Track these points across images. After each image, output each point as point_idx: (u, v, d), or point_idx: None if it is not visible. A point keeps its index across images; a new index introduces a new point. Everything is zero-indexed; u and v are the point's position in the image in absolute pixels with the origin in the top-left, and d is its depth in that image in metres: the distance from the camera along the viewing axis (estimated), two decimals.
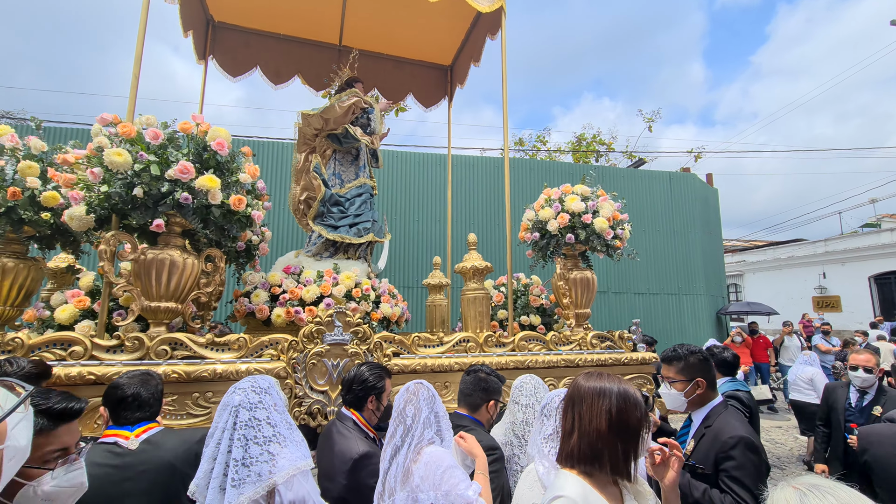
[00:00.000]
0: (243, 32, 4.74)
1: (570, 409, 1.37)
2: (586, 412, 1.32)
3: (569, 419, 1.36)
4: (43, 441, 1.09)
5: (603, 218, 3.39)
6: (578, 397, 1.37)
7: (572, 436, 1.33)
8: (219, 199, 2.63)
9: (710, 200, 10.87)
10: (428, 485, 1.60)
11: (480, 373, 2.17)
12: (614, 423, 1.28)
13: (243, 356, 2.56)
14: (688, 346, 2.29)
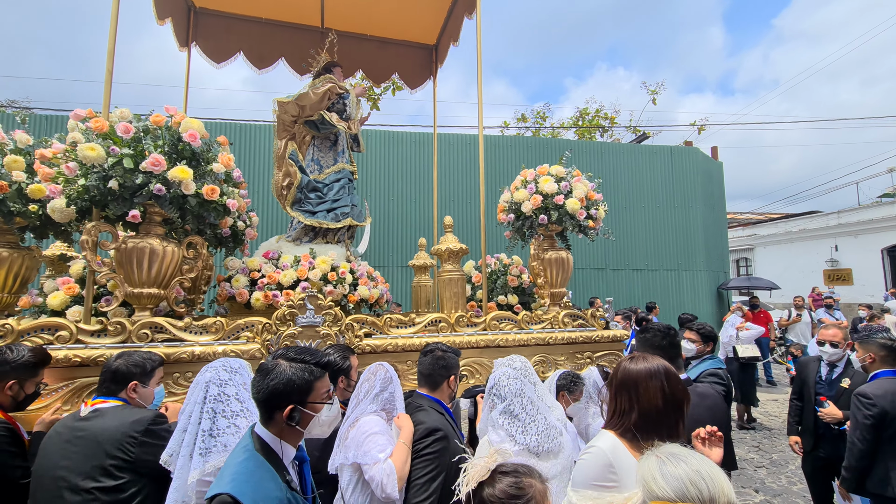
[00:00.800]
0: (225, 17, 4.75)
1: (625, 391, 1.53)
2: (643, 393, 1.49)
3: (624, 400, 1.53)
4: (320, 384, 1.51)
5: (575, 199, 3.42)
6: (631, 380, 1.53)
7: (631, 414, 1.49)
8: (192, 189, 2.73)
9: (713, 174, 10.68)
10: (353, 444, 1.83)
11: (437, 351, 2.27)
12: (668, 399, 1.47)
13: (220, 339, 2.71)
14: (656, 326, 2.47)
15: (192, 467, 1.73)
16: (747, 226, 21.27)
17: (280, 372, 1.45)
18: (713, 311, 9.68)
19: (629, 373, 1.56)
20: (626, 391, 1.54)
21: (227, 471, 1.35)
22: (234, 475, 1.31)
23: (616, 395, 1.56)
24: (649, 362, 1.55)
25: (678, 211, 9.76)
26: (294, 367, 1.47)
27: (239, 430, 1.93)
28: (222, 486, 1.28)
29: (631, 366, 1.57)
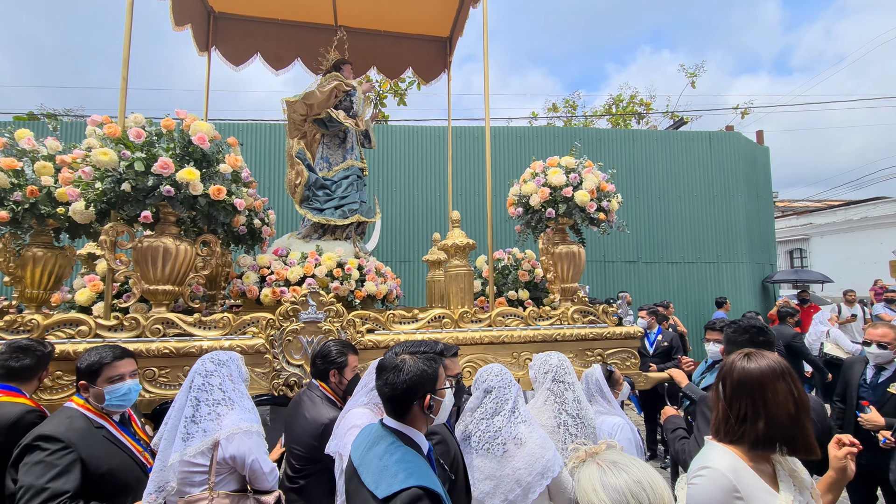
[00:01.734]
0: (243, 21, 4.88)
1: (745, 394, 1.34)
2: (771, 397, 1.29)
3: (744, 405, 1.33)
4: (442, 371, 1.57)
5: (585, 190, 3.28)
6: (755, 381, 1.34)
7: (757, 423, 1.28)
8: (200, 189, 2.83)
9: (758, 160, 9.98)
10: (337, 435, 1.88)
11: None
12: (799, 403, 1.29)
13: (227, 333, 2.81)
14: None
15: (174, 450, 1.81)
16: (802, 214, 19.79)
17: (411, 366, 1.47)
18: (757, 305, 9.09)
19: (750, 373, 1.35)
20: (746, 395, 1.33)
21: (392, 467, 1.29)
22: (406, 469, 1.27)
23: (732, 400, 1.36)
24: (770, 360, 1.38)
25: (718, 200, 9.20)
26: (421, 359, 1.51)
27: (220, 417, 1.99)
28: (400, 481, 1.23)
29: (750, 365, 1.38)
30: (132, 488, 1.82)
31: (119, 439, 1.89)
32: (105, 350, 2.02)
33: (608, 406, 2.64)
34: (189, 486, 1.96)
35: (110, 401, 1.92)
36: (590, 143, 9.18)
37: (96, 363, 1.95)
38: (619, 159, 9.17)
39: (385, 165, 8.57)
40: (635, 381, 3.24)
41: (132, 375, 2.04)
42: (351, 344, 2.68)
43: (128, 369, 2.03)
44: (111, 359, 1.98)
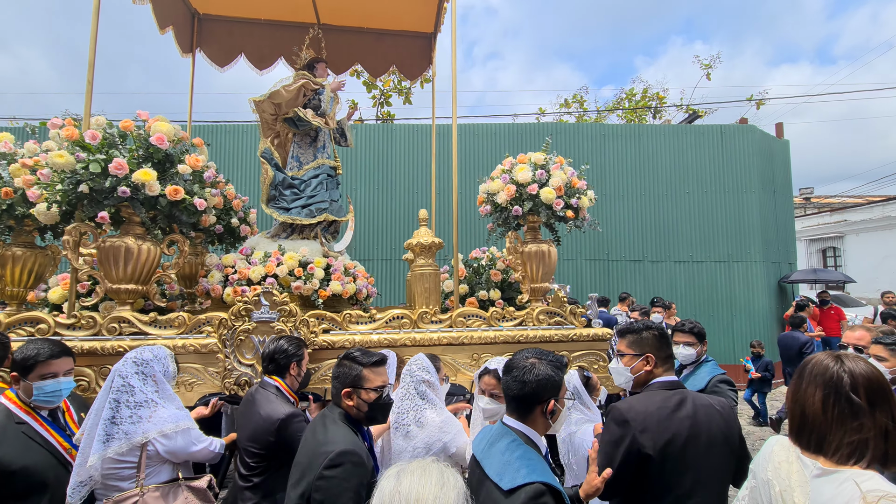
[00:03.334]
0: (227, 21, 4.93)
1: (885, 404, 1.26)
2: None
3: (884, 416, 1.25)
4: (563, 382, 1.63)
5: (551, 188, 3.16)
6: (887, 388, 1.26)
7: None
8: (157, 190, 2.86)
9: (775, 154, 9.51)
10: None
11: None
12: None
13: (182, 332, 2.83)
14: (645, 322, 2.18)
15: (92, 451, 1.82)
16: (836, 211, 18.82)
17: (540, 370, 1.52)
18: (771, 306, 8.67)
19: (879, 379, 1.25)
20: (886, 404, 1.23)
21: (514, 462, 1.37)
22: (528, 465, 1.35)
23: (871, 412, 1.23)
24: (869, 362, 1.31)
25: (729, 196, 8.81)
26: (549, 365, 1.56)
27: (142, 419, 2.00)
28: (524, 476, 1.31)
29: (870, 370, 1.28)
30: (50, 486, 1.84)
31: (42, 435, 1.91)
32: (44, 345, 2.04)
33: (588, 412, 2.57)
34: (118, 481, 1.98)
35: (38, 396, 1.95)
36: (594, 139, 8.95)
37: (31, 358, 1.97)
38: (625, 155, 8.91)
39: (385, 163, 8.56)
40: (605, 385, 3.11)
41: (67, 374, 2.07)
42: (300, 338, 2.68)
43: (62, 368, 2.05)
44: (47, 356, 2.00)
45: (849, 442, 1.27)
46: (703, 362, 3.19)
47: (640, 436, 1.75)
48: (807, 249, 18.69)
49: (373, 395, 1.76)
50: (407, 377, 2.36)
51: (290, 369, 2.38)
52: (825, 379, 1.33)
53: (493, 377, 2.21)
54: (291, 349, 2.40)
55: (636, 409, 1.85)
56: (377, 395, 1.77)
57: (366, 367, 1.78)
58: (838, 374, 1.31)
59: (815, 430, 1.33)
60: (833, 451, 1.29)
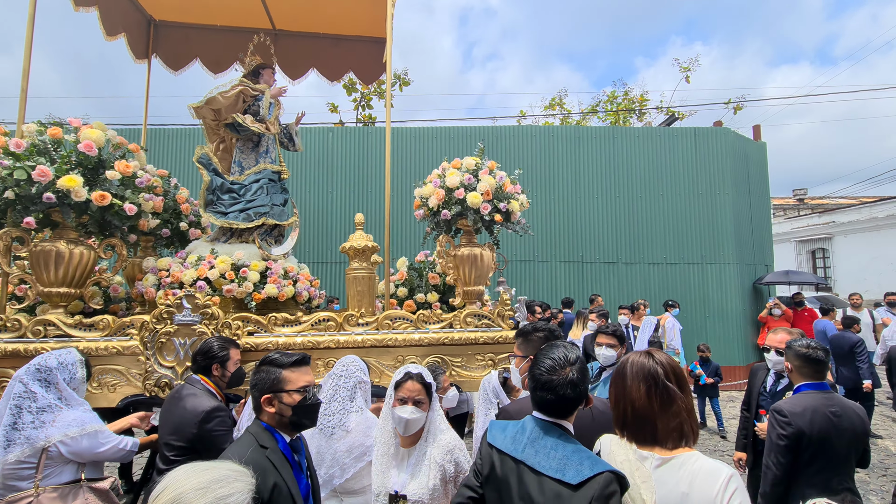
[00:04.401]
0: (183, 27, 5.00)
1: (682, 390, 1.47)
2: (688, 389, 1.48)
3: (686, 400, 1.47)
4: None
5: (478, 192, 3.21)
6: (682, 377, 1.49)
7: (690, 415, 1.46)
8: (83, 196, 2.92)
9: (751, 156, 9.54)
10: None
11: None
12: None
13: (107, 335, 2.88)
14: (534, 324, 2.23)
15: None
16: (824, 212, 18.82)
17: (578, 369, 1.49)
18: (745, 308, 8.68)
19: (678, 366, 1.50)
20: (686, 388, 1.48)
21: (573, 457, 1.38)
22: (588, 457, 1.37)
23: (681, 396, 1.44)
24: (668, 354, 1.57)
25: (703, 198, 8.84)
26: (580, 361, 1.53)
27: (45, 424, 2.05)
28: (589, 467, 1.32)
29: (671, 359, 1.51)
30: None
31: None
32: None
33: None
34: (16, 481, 2.03)
35: None
36: (569, 141, 8.99)
37: None
38: (600, 157, 8.96)
39: (370, 167, 8.63)
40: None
41: None
42: (232, 339, 2.73)
43: None
44: None
45: (673, 427, 1.41)
46: None
47: None
48: (796, 251, 18.69)
49: (296, 398, 1.61)
50: (339, 378, 2.32)
51: (213, 370, 2.43)
52: (644, 374, 1.46)
53: (417, 381, 1.95)
54: (215, 350, 2.45)
55: (518, 408, 1.92)
56: (301, 397, 1.62)
57: (286, 368, 1.64)
58: (653, 367, 1.46)
59: (647, 422, 1.45)
60: (664, 438, 1.42)
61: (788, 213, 21.52)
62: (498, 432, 1.55)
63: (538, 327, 2.17)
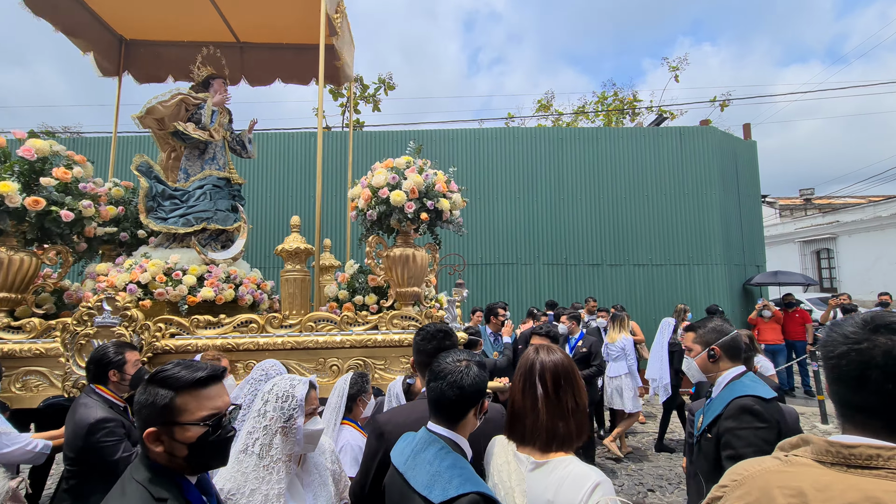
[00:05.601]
0: (153, 45, 5.17)
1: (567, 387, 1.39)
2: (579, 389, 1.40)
3: (566, 399, 1.37)
4: None
5: (402, 191, 3.21)
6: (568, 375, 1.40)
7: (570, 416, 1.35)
8: (18, 201, 3.03)
9: (740, 155, 9.34)
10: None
11: None
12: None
13: (33, 337, 2.96)
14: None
15: None
16: (829, 212, 18.24)
17: (475, 370, 1.43)
18: (734, 309, 8.42)
19: (565, 366, 1.44)
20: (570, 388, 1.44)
21: (445, 473, 1.27)
22: (460, 474, 1.26)
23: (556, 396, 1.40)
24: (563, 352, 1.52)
25: (689, 198, 8.67)
26: (475, 364, 1.45)
27: None
28: (456, 487, 1.22)
29: (559, 358, 1.44)
30: None
31: None
32: None
33: None
34: None
35: None
36: (551, 142, 8.95)
37: None
38: (583, 158, 8.88)
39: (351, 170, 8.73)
40: None
41: None
42: (127, 342, 2.76)
43: None
44: None
45: (542, 427, 1.34)
46: None
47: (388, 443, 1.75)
48: (800, 252, 18.11)
49: (195, 432, 1.16)
50: (258, 383, 2.11)
51: (111, 375, 2.44)
52: (524, 369, 1.42)
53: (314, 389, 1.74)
54: (109, 356, 2.42)
55: (394, 420, 1.87)
56: (203, 431, 1.17)
57: (183, 391, 1.18)
58: (532, 363, 1.41)
59: (519, 420, 1.39)
60: (531, 438, 1.35)
61: (796, 214, 20.88)
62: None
63: (430, 332, 2.09)
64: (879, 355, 0.87)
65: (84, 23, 4.55)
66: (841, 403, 0.94)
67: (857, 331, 0.92)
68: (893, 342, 0.87)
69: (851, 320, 0.97)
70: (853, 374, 0.89)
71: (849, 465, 0.85)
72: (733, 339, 1.98)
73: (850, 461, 0.85)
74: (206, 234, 3.85)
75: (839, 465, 0.86)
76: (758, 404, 1.79)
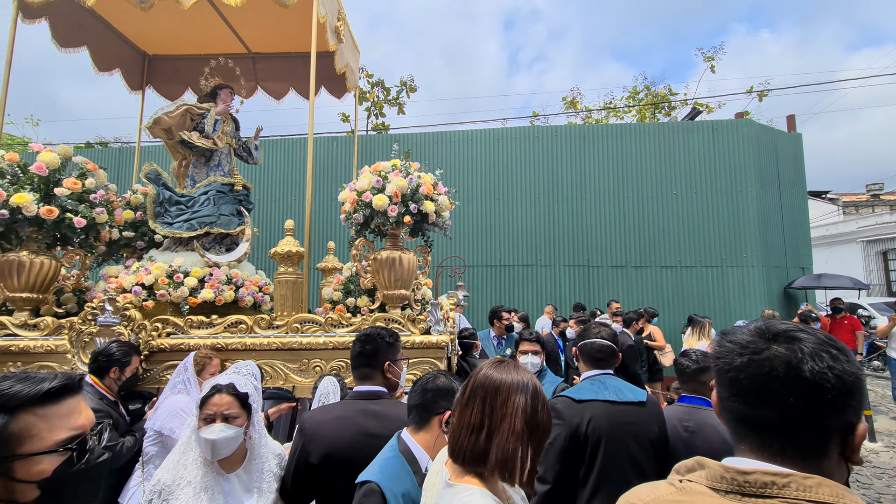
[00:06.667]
0: (174, 59, 5.49)
1: (481, 402, 1.22)
2: (500, 408, 1.19)
3: (476, 413, 1.21)
4: None
5: (385, 195, 3.23)
6: (493, 390, 1.22)
7: (481, 434, 1.18)
8: (34, 211, 3.30)
9: (782, 149, 8.68)
10: (159, 415, 2.49)
11: None
12: (529, 424, 1.17)
13: (46, 335, 3.21)
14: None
15: None
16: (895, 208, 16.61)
17: (441, 380, 1.63)
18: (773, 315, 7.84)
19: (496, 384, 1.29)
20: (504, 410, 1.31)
21: (378, 461, 1.54)
22: (380, 464, 1.51)
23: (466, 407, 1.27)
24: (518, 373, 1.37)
25: (723, 196, 8.15)
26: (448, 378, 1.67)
27: None
28: (366, 474, 1.48)
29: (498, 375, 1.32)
30: None
31: None
32: None
33: None
34: None
35: None
36: (574, 140, 8.70)
37: None
38: (606, 156, 8.58)
39: None
40: None
41: None
42: (136, 346, 2.95)
43: None
44: None
45: (460, 446, 1.21)
46: (544, 371, 3.13)
47: (308, 444, 1.79)
48: (864, 252, 16.56)
49: (51, 463, 0.86)
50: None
51: (111, 372, 2.65)
52: (466, 382, 1.31)
53: (228, 394, 1.74)
54: (117, 354, 2.68)
55: (313, 418, 1.90)
56: (64, 459, 0.87)
57: (21, 412, 0.84)
58: (476, 374, 1.28)
59: (453, 434, 1.27)
60: (457, 456, 1.24)
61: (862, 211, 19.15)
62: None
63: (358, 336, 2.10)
64: (781, 366, 0.81)
65: (111, 43, 4.89)
66: (736, 421, 0.88)
67: (754, 339, 0.85)
68: (793, 351, 0.81)
69: (745, 329, 0.91)
70: (753, 388, 0.83)
71: (743, 494, 0.79)
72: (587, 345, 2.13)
73: (745, 489, 0.79)
74: (209, 238, 4.03)
75: (734, 493, 0.80)
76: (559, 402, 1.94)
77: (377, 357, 1.88)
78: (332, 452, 1.69)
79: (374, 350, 1.88)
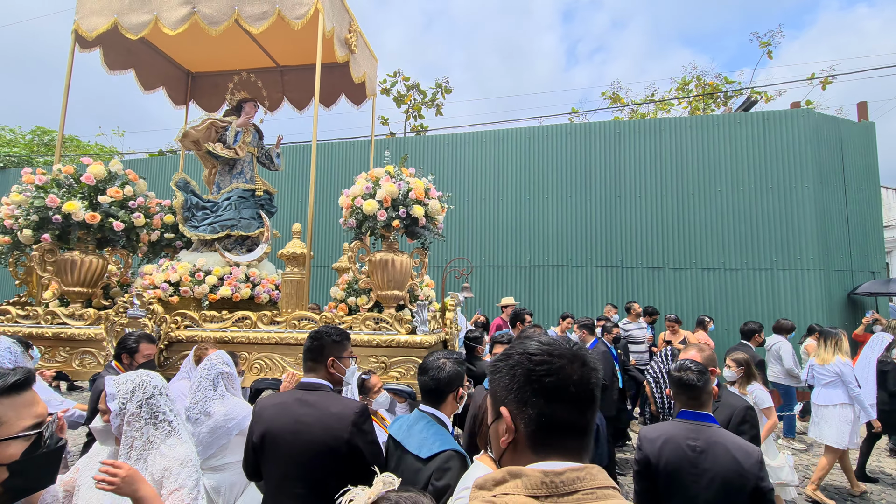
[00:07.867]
0: (213, 75, 6.02)
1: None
2: None
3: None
4: None
5: (374, 200, 3.37)
6: None
7: None
8: (81, 216, 3.81)
9: (849, 140, 7.81)
10: None
11: None
12: None
13: (88, 324, 3.70)
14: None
15: None
16: None
17: (449, 367, 1.92)
18: (832, 323, 7.05)
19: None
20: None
21: (430, 438, 1.78)
22: (440, 439, 1.76)
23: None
24: None
25: (774, 194, 7.48)
26: (454, 362, 1.96)
27: None
28: (438, 446, 1.73)
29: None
30: None
31: None
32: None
33: None
34: None
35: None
36: (608, 137, 8.40)
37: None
38: (643, 152, 8.19)
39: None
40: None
41: None
42: (150, 336, 3.33)
43: None
44: None
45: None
46: None
47: (253, 425, 2.00)
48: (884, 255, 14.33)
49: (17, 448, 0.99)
50: (203, 370, 2.64)
51: (122, 358, 3.04)
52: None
53: None
54: (129, 343, 3.06)
55: (262, 402, 2.08)
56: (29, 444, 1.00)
57: None
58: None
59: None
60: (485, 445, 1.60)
61: None
62: (394, 423, 2.02)
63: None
64: (576, 372, 0.89)
65: (156, 64, 5.47)
66: (538, 426, 0.90)
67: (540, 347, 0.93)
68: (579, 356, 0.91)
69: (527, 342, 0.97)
70: (551, 387, 0.89)
71: (559, 495, 0.82)
72: None
73: (560, 489, 0.82)
74: (231, 240, 4.41)
75: (552, 496, 0.82)
76: None
77: (322, 353, 2.02)
78: (269, 433, 1.87)
79: (319, 346, 2.02)
